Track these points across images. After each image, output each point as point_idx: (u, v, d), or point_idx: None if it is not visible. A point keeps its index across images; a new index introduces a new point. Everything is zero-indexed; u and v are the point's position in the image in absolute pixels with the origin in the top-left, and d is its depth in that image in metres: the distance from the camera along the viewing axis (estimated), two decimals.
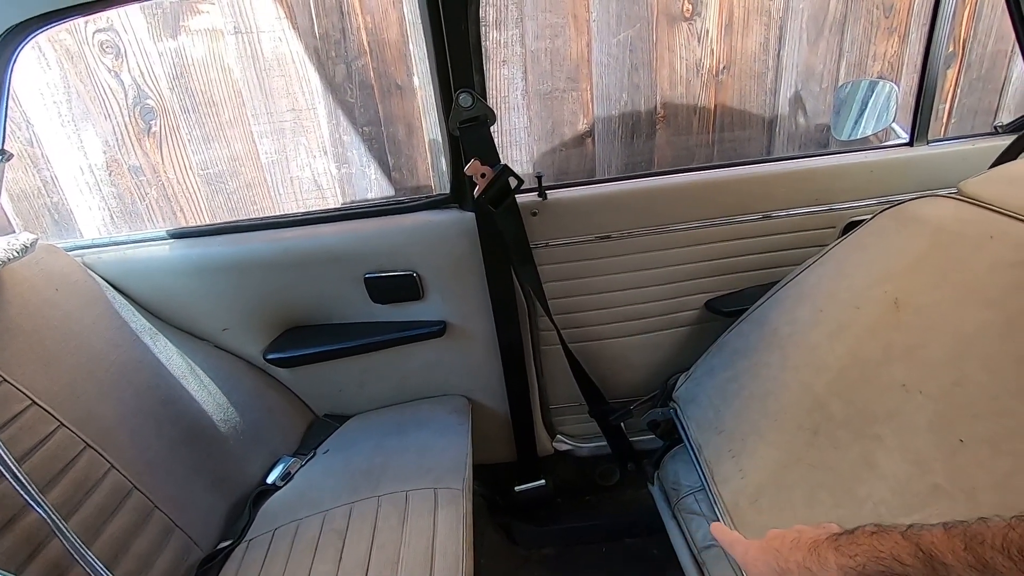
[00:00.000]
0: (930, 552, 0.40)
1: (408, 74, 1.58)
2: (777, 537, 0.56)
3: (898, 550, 0.42)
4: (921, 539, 0.41)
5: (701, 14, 1.64)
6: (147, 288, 1.22)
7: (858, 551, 0.45)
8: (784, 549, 0.53)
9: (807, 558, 0.49)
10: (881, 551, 0.43)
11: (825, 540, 0.50)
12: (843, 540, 0.48)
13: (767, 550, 0.55)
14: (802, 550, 0.51)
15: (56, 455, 0.86)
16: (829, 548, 0.48)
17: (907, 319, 0.84)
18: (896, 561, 0.42)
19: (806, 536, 0.53)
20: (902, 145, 1.33)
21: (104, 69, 1.46)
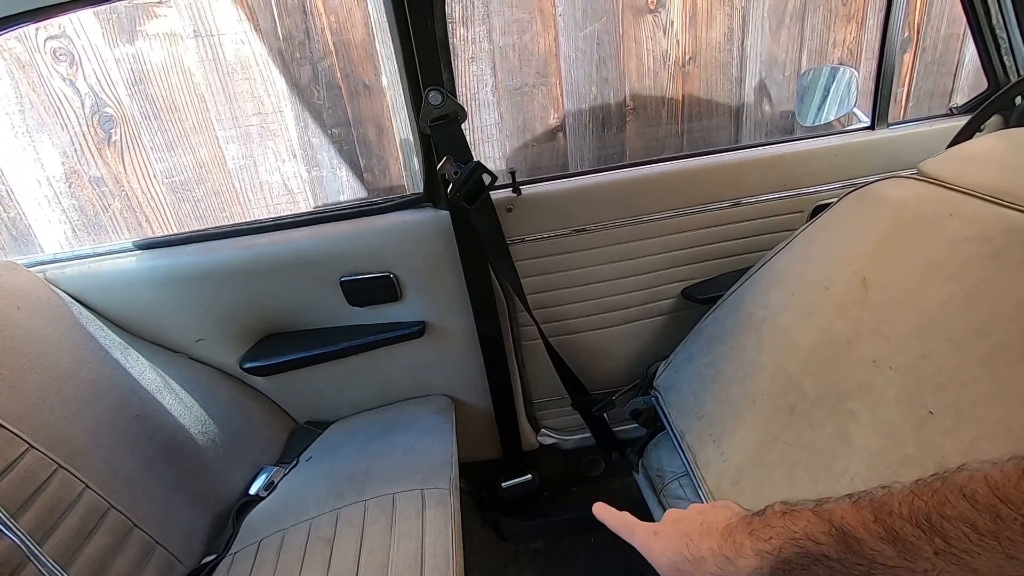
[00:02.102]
0: (842, 528, 0.39)
1: (376, 74, 1.57)
2: (683, 520, 0.53)
3: (811, 528, 0.41)
4: (832, 515, 0.41)
5: (665, 6, 1.66)
6: (115, 302, 1.19)
7: (772, 534, 0.44)
8: (694, 535, 0.50)
9: (722, 545, 0.47)
10: (795, 532, 0.42)
11: (738, 524, 0.48)
12: (756, 523, 0.46)
13: (675, 536, 0.51)
14: (715, 536, 0.48)
15: (26, 478, 0.83)
16: (743, 533, 0.46)
17: (874, 297, 0.87)
18: (811, 541, 0.41)
19: (716, 520, 0.50)
20: (864, 129, 1.36)
21: (58, 77, 1.41)
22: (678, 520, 0.53)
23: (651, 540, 0.54)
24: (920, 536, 0.35)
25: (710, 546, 0.48)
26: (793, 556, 0.42)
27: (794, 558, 0.42)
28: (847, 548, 0.39)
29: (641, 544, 0.55)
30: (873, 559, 0.37)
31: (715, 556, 0.47)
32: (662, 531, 0.53)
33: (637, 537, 0.56)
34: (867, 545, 0.38)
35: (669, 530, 0.53)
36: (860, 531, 0.38)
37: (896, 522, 0.37)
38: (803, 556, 0.41)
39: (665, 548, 0.52)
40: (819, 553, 0.40)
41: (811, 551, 0.41)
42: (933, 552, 0.34)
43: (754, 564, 0.44)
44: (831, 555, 0.40)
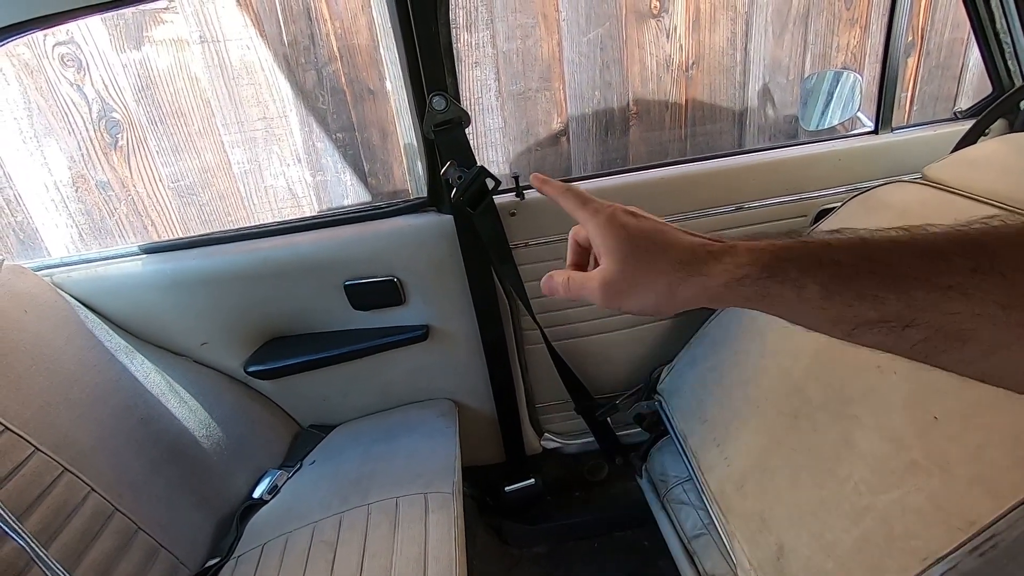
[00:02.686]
0: (867, 238, 0.34)
1: (380, 79, 1.58)
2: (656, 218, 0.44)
3: (831, 239, 0.35)
4: (860, 232, 0.35)
5: (669, 10, 1.66)
6: (121, 305, 1.20)
7: (774, 239, 0.37)
8: (671, 228, 0.42)
9: (706, 242, 0.39)
10: (808, 240, 0.36)
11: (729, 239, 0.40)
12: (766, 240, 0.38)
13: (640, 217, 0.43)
14: (699, 237, 0.40)
15: (32, 481, 0.83)
16: (737, 241, 0.39)
17: None
18: (827, 245, 0.35)
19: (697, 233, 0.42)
20: (868, 133, 1.36)
21: (66, 83, 1.42)
22: (658, 219, 0.44)
23: (613, 214, 0.43)
24: (961, 253, 0.31)
25: (690, 240, 0.40)
26: (797, 257, 0.35)
27: (797, 258, 0.35)
28: (861, 254, 0.33)
29: (594, 213, 0.44)
30: (894, 269, 0.32)
31: (694, 248, 0.39)
32: (633, 213, 0.43)
33: (589, 207, 0.45)
34: (893, 255, 0.33)
35: (643, 215, 0.43)
36: (888, 243, 0.33)
37: (935, 238, 0.32)
38: (808, 256, 0.35)
39: (629, 225, 0.42)
40: (829, 257, 0.34)
41: (820, 254, 0.34)
42: (971, 268, 0.30)
43: (742, 260, 0.36)
44: (845, 260, 0.34)
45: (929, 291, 0.31)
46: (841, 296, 0.34)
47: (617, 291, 0.42)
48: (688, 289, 0.39)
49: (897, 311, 0.33)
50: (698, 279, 0.38)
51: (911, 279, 0.32)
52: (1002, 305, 0.30)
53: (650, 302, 0.41)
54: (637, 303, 0.41)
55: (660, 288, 0.40)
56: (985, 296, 0.30)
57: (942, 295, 0.31)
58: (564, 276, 0.47)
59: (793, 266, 0.35)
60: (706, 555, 0.95)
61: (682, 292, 0.39)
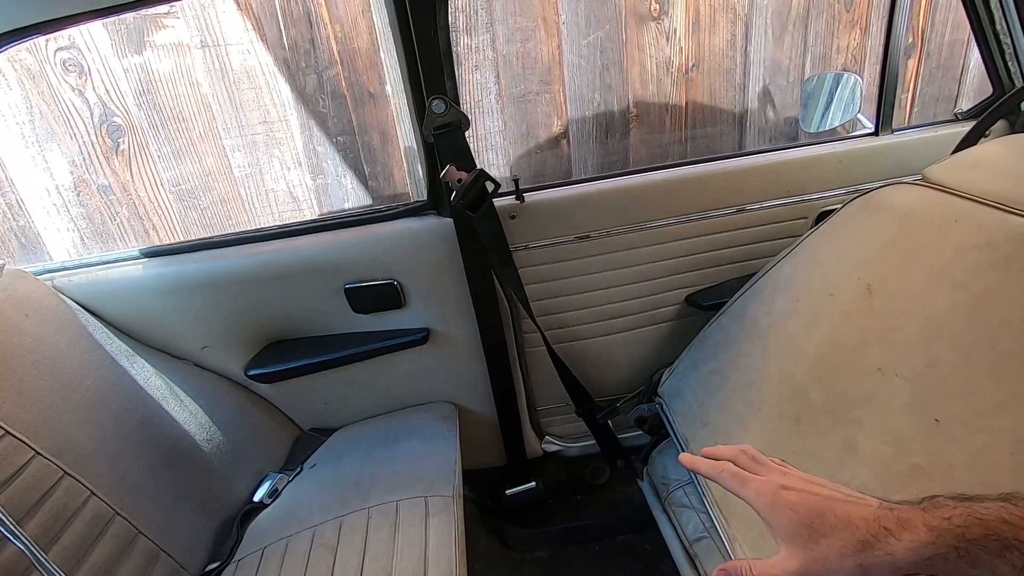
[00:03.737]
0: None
1: (380, 82, 1.58)
2: (823, 484, 0.45)
3: (1005, 514, 0.35)
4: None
5: (668, 13, 1.66)
6: (121, 309, 1.20)
7: (951, 513, 0.37)
8: (840, 499, 0.42)
9: (881, 516, 0.39)
10: (983, 513, 0.36)
11: (898, 505, 0.41)
12: (926, 504, 0.39)
13: (812, 496, 0.43)
14: (870, 507, 0.41)
15: (32, 485, 0.83)
16: (911, 509, 0.39)
17: (880, 304, 0.86)
18: (1005, 523, 0.35)
19: (864, 496, 0.43)
20: (868, 135, 1.36)
21: (68, 87, 1.42)
22: (810, 480, 0.45)
23: (779, 493, 0.44)
24: None
25: (863, 514, 0.40)
26: (980, 538, 0.35)
27: (980, 540, 0.35)
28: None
29: (759, 495, 0.45)
30: None
31: (868, 524, 0.39)
32: (793, 487, 0.44)
33: (753, 487, 0.46)
34: None
35: (802, 485, 0.44)
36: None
37: None
38: (992, 539, 0.35)
39: (797, 505, 0.43)
40: (1014, 537, 0.34)
41: (1004, 534, 0.35)
42: None
43: (924, 539, 0.37)
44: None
45: None
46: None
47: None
48: (881, 570, 0.39)
49: None
50: (885, 559, 0.39)
51: None
52: None
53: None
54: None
55: (851, 570, 0.40)
56: None
57: None
58: (745, 566, 0.46)
59: (979, 547, 0.36)
60: (708, 559, 0.94)
61: (877, 571, 0.39)
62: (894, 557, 0.38)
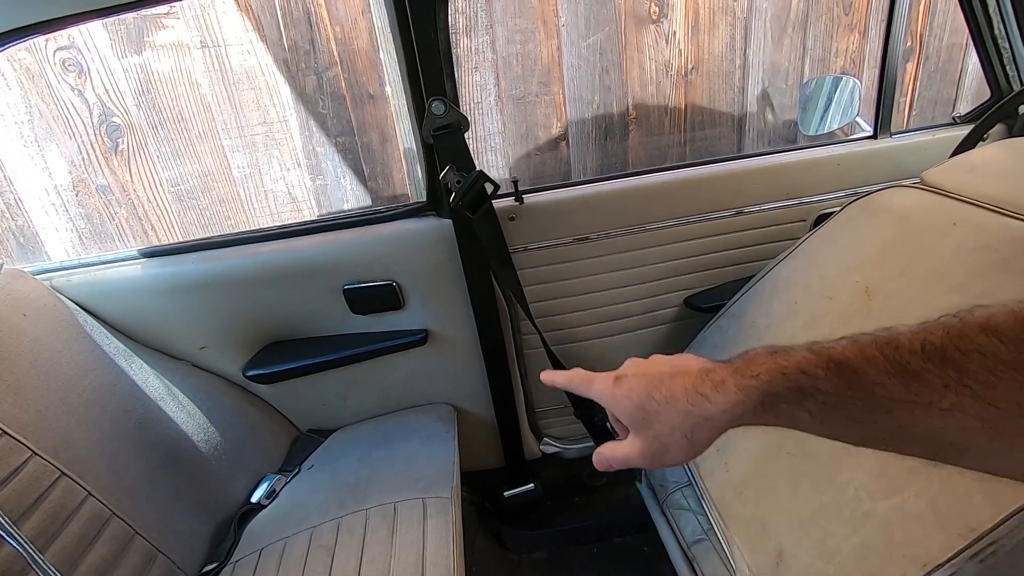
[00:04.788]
0: (840, 360, 0.36)
1: (380, 83, 1.58)
2: (650, 365, 0.49)
3: (804, 363, 0.38)
4: (831, 351, 0.37)
5: (668, 16, 1.67)
6: (119, 309, 1.20)
7: (759, 370, 0.40)
8: (665, 377, 0.45)
9: (699, 383, 0.43)
10: (785, 365, 0.38)
11: (716, 366, 0.44)
12: (739, 363, 0.42)
13: (642, 378, 0.47)
14: (690, 376, 0.44)
15: (29, 485, 0.83)
16: (725, 371, 0.42)
17: (878, 306, 0.86)
18: (803, 374, 0.37)
19: (689, 364, 0.46)
20: (867, 138, 1.36)
21: (67, 87, 1.42)
22: (644, 365, 0.49)
23: (612, 386, 0.49)
24: (930, 369, 0.32)
25: (684, 385, 0.44)
26: (781, 390, 0.38)
27: (782, 392, 0.38)
28: (844, 381, 0.36)
29: (601, 391, 0.51)
30: (873, 392, 0.34)
31: (688, 394, 0.43)
32: (626, 376, 0.49)
33: (596, 386, 0.51)
34: (868, 377, 0.34)
35: (634, 373, 0.48)
36: (861, 364, 0.35)
37: (903, 355, 0.33)
38: (792, 390, 0.38)
39: (631, 391, 0.47)
40: (811, 387, 0.37)
41: (802, 384, 0.37)
42: (943, 384, 0.31)
43: (735, 399, 0.40)
44: (825, 388, 0.36)
45: (912, 410, 0.33)
46: (834, 421, 0.37)
47: (652, 457, 0.46)
48: (702, 432, 0.43)
49: (889, 430, 0.35)
50: (705, 424, 0.42)
51: (890, 400, 0.34)
52: (979, 419, 0.30)
53: (681, 454, 0.45)
54: (672, 458, 0.45)
55: (680, 441, 0.44)
56: (964, 412, 0.31)
57: (924, 412, 0.32)
58: (610, 452, 0.50)
59: (781, 399, 0.38)
60: (706, 561, 0.94)
61: (698, 437, 0.43)
62: (711, 421, 0.42)
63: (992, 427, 0.30)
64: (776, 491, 0.82)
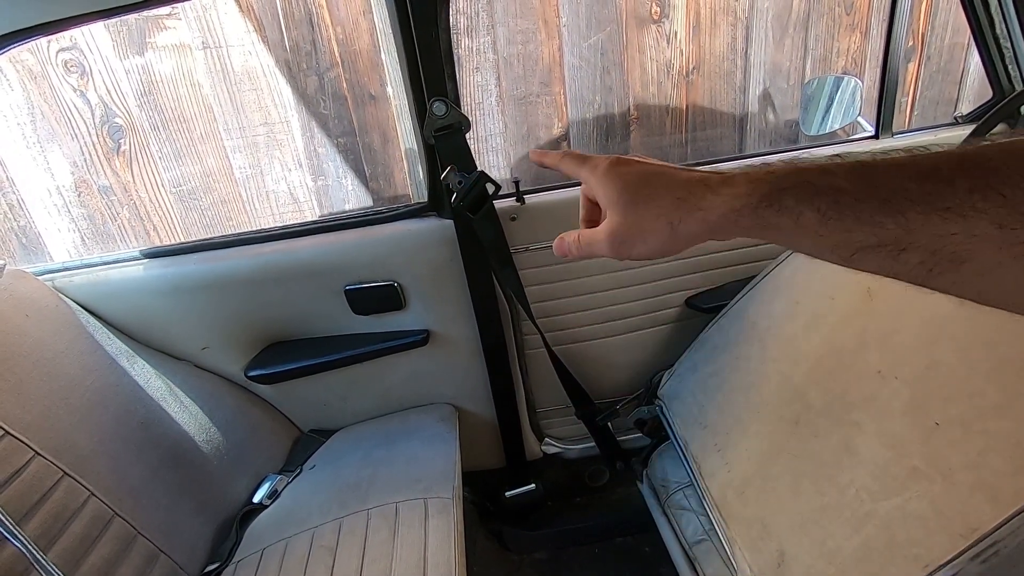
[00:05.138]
0: (867, 162, 0.34)
1: (381, 84, 1.58)
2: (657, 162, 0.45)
3: (826, 164, 0.36)
4: (859, 155, 0.35)
5: (669, 16, 1.67)
6: (121, 310, 1.20)
7: (775, 167, 0.37)
8: (669, 168, 0.42)
9: (705, 177, 0.40)
10: (800, 166, 0.36)
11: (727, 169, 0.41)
12: (751, 166, 0.39)
13: (637, 163, 0.43)
14: (697, 172, 0.41)
15: (32, 485, 0.83)
16: (741, 171, 0.39)
17: (880, 307, 0.86)
18: (823, 172, 0.35)
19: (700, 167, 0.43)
20: (868, 138, 1.36)
21: (69, 88, 1.43)
22: (653, 160, 0.45)
23: (610, 167, 0.44)
24: (961, 174, 0.30)
25: (688, 176, 0.40)
26: (793, 185, 0.35)
27: (793, 187, 0.35)
28: (864, 180, 0.33)
29: (593, 166, 0.45)
30: (893, 193, 0.32)
31: (691, 183, 0.39)
32: (629, 161, 0.44)
33: (588, 164, 0.46)
34: (892, 180, 0.32)
35: (639, 161, 0.44)
36: (887, 167, 0.33)
37: (935, 159, 0.32)
38: (806, 185, 0.35)
39: (628, 170, 0.42)
40: (826, 184, 0.34)
41: (818, 181, 0.34)
42: (968, 189, 0.30)
43: (740, 191, 0.37)
44: (840, 186, 0.34)
45: (927, 213, 0.31)
46: (839, 222, 0.34)
47: (623, 240, 0.42)
48: (689, 225, 0.39)
49: (895, 235, 0.32)
50: (697, 214, 0.39)
51: (908, 202, 0.32)
52: (999, 224, 0.29)
53: (656, 245, 0.41)
54: (644, 248, 0.42)
55: (662, 229, 0.40)
56: (980, 216, 0.29)
57: (940, 217, 0.31)
58: (574, 236, 0.46)
59: (790, 195, 0.35)
60: (707, 561, 0.94)
61: (683, 229, 0.40)
62: (705, 212, 0.38)
63: (1006, 234, 0.29)
64: (777, 492, 0.82)
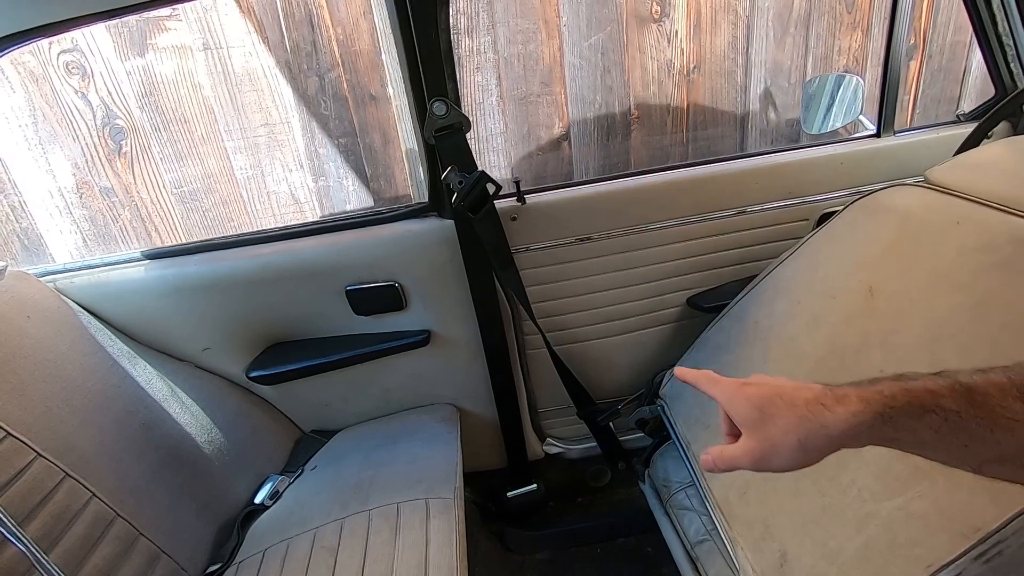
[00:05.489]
0: (967, 384, 0.37)
1: (382, 84, 1.58)
2: (775, 379, 0.50)
3: (929, 384, 0.39)
4: (957, 375, 0.39)
5: (669, 15, 1.66)
6: (123, 311, 1.20)
7: (883, 387, 0.41)
8: (789, 387, 0.47)
9: (821, 395, 0.44)
10: (910, 385, 0.40)
11: (839, 385, 0.45)
12: (863, 383, 0.44)
13: (765, 386, 0.48)
14: (814, 390, 0.45)
15: (34, 487, 0.83)
16: (848, 387, 0.43)
17: (882, 306, 0.86)
18: (927, 392, 0.38)
19: (813, 385, 0.47)
20: (870, 136, 1.36)
21: (70, 90, 1.43)
22: (769, 378, 0.51)
23: (737, 389, 0.50)
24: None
25: (806, 396, 0.45)
26: (904, 405, 0.39)
27: (904, 407, 0.39)
28: (969, 401, 0.37)
29: (725, 388, 0.51)
30: (998, 413, 0.35)
31: (809, 403, 0.44)
32: (752, 383, 0.50)
33: (721, 384, 0.52)
34: (994, 399, 0.36)
35: (759, 382, 0.50)
36: (987, 387, 0.36)
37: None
38: (915, 406, 0.39)
39: (755, 392, 0.48)
40: (935, 404, 0.38)
41: (926, 402, 0.38)
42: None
43: (855, 408, 0.41)
44: (948, 407, 0.37)
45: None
46: (955, 439, 0.37)
47: (761, 458, 0.47)
48: (815, 441, 0.44)
49: (1014, 450, 0.36)
50: (821, 432, 0.43)
51: (1015, 422, 0.35)
52: None
53: (790, 459, 0.45)
54: (780, 462, 0.46)
55: (792, 445, 0.45)
56: None
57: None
58: (718, 451, 0.51)
59: (903, 414, 0.39)
60: (709, 562, 0.94)
61: (811, 444, 0.44)
62: (828, 428, 0.42)
63: None
64: (779, 492, 0.82)
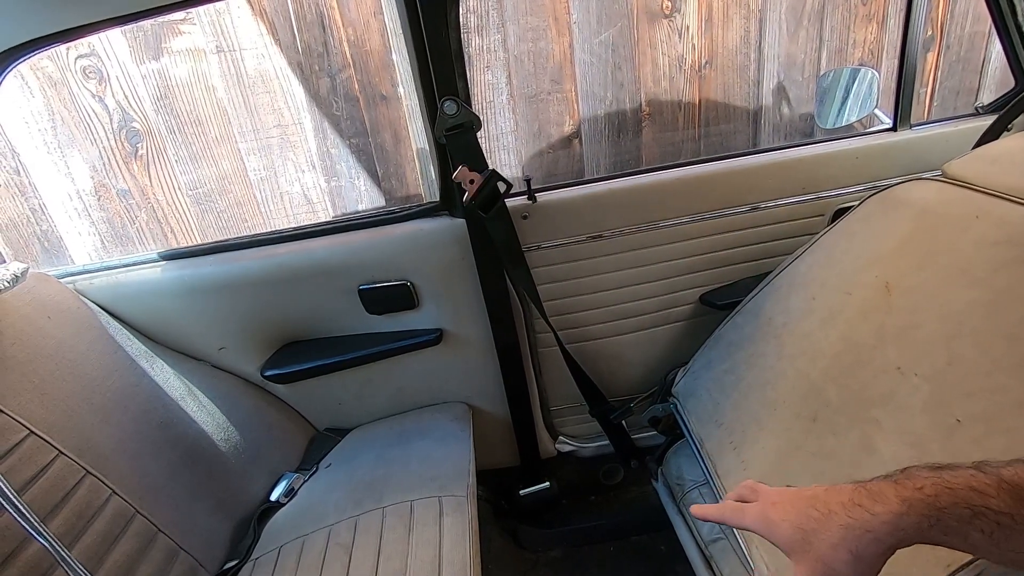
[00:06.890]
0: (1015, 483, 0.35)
1: (392, 84, 1.59)
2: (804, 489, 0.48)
3: (973, 481, 0.37)
4: (1002, 473, 0.37)
5: (681, 10, 1.65)
6: (140, 311, 1.22)
7: (923, 483, 0.39)
8: (820, 494, 0.45)
9: (856, 495, 0.42)
10: (953, 482, 0.38)
11: (873, 481, 0.43)
12: (898, 477, 0.41)
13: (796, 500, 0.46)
14: (846, 491, 0.43)
15: (56, 484, 0.85)
16: (884, 484, 0.41)
17: (898, 302, 0.85)
18: (973, 491, 0.36)
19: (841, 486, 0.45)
20: (886, 130, 1.34)
21: (88, 94, 1.45)
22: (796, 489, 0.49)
23: (768, 511, 0.48)
24: None
25: (840, 500, 0.43)
26: (949, 506, 0.37)
27: (950, 508, 0.37)
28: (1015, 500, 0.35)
29: (756, 519, 0.49)
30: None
31: (846, 507, 0.42)
32: (780, 500, 0.48)
33: (749, 516, 0.50)
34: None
35: (788, 496, 0.48)
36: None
37: None
38: (962, 507, 0.37)
39: (786, 513, 0.46)
40: (983, 505, 0.36)
41: (973, 502, 0.36)
42: None
43: (896, 510, 0.39)
44: (998, 508, 0.35)
45: None
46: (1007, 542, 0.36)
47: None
48: (866, 548, 0.41)
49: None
50: (867, 537, 0.41)
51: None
52: None
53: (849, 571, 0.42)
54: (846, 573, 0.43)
55: (846, 558, 0.42)
56: None
57: None
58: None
59: (950, 516, 0.37)
60: (724, 560, 0.94)
61: (864, 552, 0.41)
62: (874, 533, 0.40)
63: None
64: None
